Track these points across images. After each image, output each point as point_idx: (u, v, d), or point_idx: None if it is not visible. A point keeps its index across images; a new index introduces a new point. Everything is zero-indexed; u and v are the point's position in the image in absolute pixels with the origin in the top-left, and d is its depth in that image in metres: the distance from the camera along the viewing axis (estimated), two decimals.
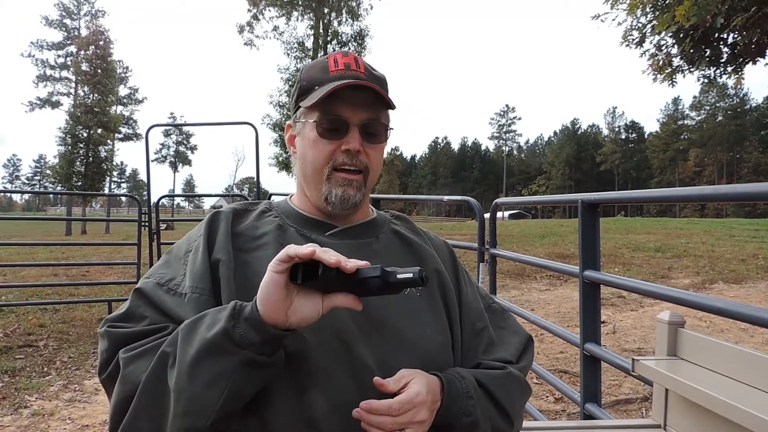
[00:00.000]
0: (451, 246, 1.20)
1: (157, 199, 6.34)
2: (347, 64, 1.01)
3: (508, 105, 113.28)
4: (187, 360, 0.79)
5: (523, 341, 1.11)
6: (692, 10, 6.90)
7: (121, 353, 0.86)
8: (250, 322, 0.79)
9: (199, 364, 0.79)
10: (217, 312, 0.83)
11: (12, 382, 4.36)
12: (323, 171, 1.01)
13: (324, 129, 1.00)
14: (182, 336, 0.82)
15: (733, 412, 1.06)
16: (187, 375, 0.79)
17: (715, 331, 5.93)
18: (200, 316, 0.84)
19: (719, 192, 1.83)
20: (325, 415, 0.86)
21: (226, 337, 0.78)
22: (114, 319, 0.93)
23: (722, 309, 1.66)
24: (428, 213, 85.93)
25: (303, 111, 1.03)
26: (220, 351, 0.79)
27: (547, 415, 3.71)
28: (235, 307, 0.81)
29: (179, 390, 0.79)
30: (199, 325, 0.82)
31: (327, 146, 1.00)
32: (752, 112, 70.24)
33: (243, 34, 27.96)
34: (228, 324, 0.79)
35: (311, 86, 1.02)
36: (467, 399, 0.92)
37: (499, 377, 1.00)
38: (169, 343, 0.84)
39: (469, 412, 0.91)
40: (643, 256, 12.16)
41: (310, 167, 1.02)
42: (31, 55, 37.74)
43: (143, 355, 0.85)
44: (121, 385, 0.85)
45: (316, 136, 1.00)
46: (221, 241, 0.98)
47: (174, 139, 71.86)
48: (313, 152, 1.01)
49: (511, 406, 0.98)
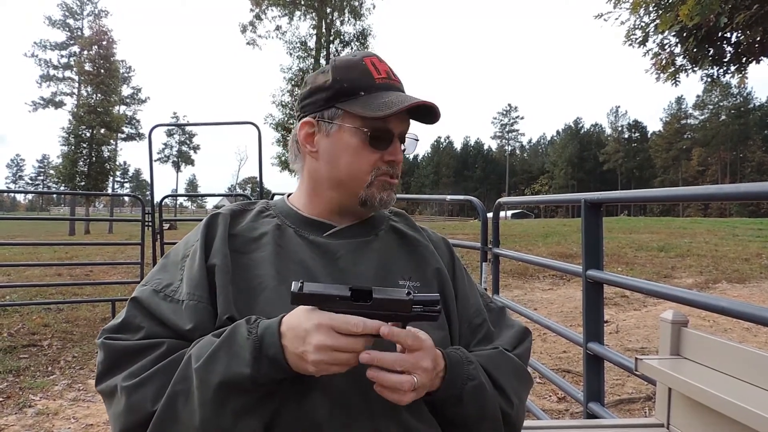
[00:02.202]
0: (450, 243, 1.20)
1: (161, 198, 6.34)
2: (388, 73, 1.04)
3: (511, 104, 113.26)
4: (209, 399, 0.80)
5: (519, 333, 1.11)
6: (695, 9, 6.88)
7: (122, 381, 0.86)
8: (273, 366, 0.81)
9: (226, 401, 0.80)
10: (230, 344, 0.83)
11: (16, 382, 4.37)
12: (366, 179, 1.02)
13: (372, 138, 1.00)
14: (200, 375, 0.82)
15: (737, 411, 1.06)
16: (213, 411, 0.80)
17: (719, 331, 5.92)
18: (214, 351, 0.83)
19: (723, 191, 1.83)
20: (326, 417, 0.86)
21: (252, 381, 0.80)
22: (111, 330, 0.93)
23: (725, 308, 1.65)
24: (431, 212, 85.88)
25: (341, 113, 1.01)
26: (244, 390, 0.81)
27: (551, 414, 3.71)
28: (255, 346, 0.81)
29: (207, 424, 0.80)
30: (215, 362, 0.82)
31: (372, 155, 1.01)
32: (756, 111, 69.93)
33: (245, 33, 27.95)
34: (253, 370, 0.80)
35: (354, 90, 1.00)
36: (467, 364, 0.93)
37: (491, 355, 1.00)
38: (179, 380, 0.84)
39: (472, 376, 0.92)
40: (646, 256, 12.14)
41: (347, 173, 1.02)
42: (34, 55, 37.81)
43: (146, 382, 0.85)
44: (128, 415, 0.84)
45: (359, 144, 1.00)
46: (218, 244, 0.98)
47: (177, 139, 72.06)
48: (352, 159, 1.01)
49: (506, 381, 0.98)
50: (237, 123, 6.96)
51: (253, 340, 0.81)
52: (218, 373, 0.80)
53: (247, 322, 0.85)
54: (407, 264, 1.06)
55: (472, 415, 0.92)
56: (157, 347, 0.89)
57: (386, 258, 1.05)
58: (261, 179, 6.77)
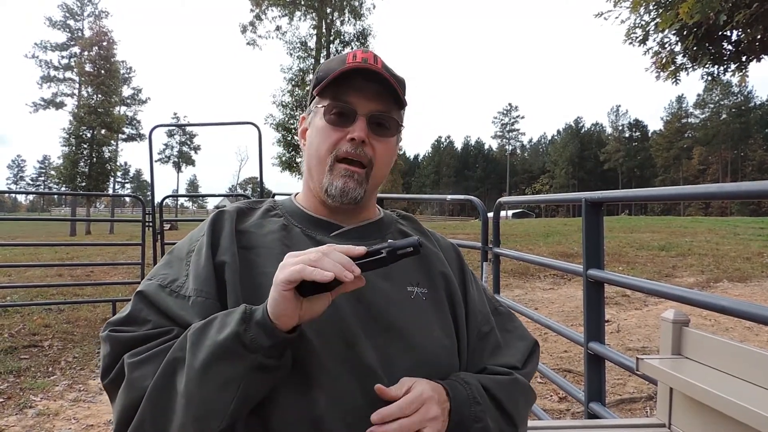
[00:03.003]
0: (458, 248, 1.19)
1: (161, 199, 6.34)
2: (365, 59, 1.00)
3: (511, 104, 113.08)
4: (197, 365, 0.79)
5: (530, 346, 1.10)
6: (695, 8, 6.87)
7: (126, 358, 0.85)
8: (261, 327, 0.79)
9: (210, 368, 0.78)
10: (227, 315, 0.83)
11: (17, 382, 4.37)
12: (326, 160, 0.99)
13: (331, 116, 0.99)
14: (192, 341, 0.81)
15: (739, 410, 1.05)
16: (197, 380, 0.78)
17: (720, 330, 5.91)
18: (209, 320, 0.83)
19: (724, 190, 1.82)
20: (327, 415, 0.85)
21: (237, 340, 0.78)
22: (116, 322, 0.92)
23: (726, 307, 1.65)
24: (431, 212, 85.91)
25: (316, 99, 1.03)
26: (231, 355, 0.78)
27: (552, 414, 3.71)
28: (245, 311, 0.81)
29: (190, 395, 0.78)
30: (208, 329, 0.82)
31: (332, 133, 0.99)
32: (757, 110, 69.97)
33: (246, 33, 28.00)
34: (239, 327, 0.78)
35: (326, 76, 1.00)
36: (475, 405, 0.91)
37: (505, 383, 0.99)
38: (177, 349, 0.83)
39: (478, 418, 0.90)
40: (647, 255, 12.13)
41: (315, 156, 1.01)
42: (35, 56, 37.89)
43: (149, 360, 0.84)
44: (128, 391, 0.83)
45: (324, 123, 1.00)
46: (226, 242, 0.97)
47: (177, 140, 72.16)
48: (318, 140, 1.00)
49: (516, 412, 0.98)
50: (237, 123, 6.97)
51: (243, 310, 0.81)
52: (209, 337, 0.80)
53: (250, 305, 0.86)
54: (414, 268, 1.05)
55: None
56: (166, 334, 0.88)
57: None
58: (261, 179, 6.77)
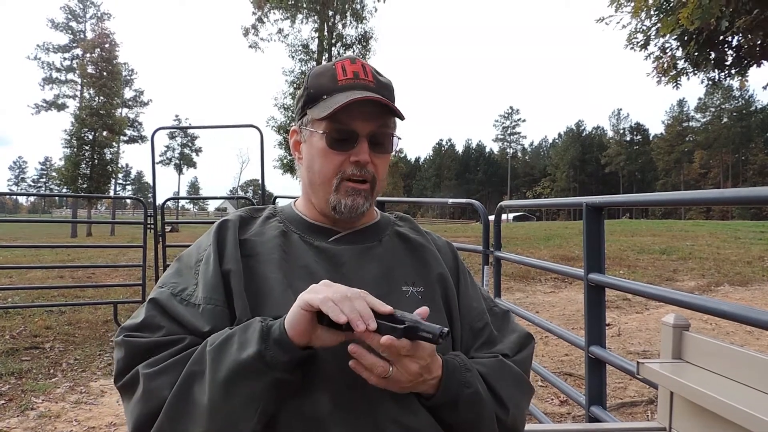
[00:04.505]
0: (454, 247, 1.20)
1: (163, 201, 6.36)
2: (355, 73, 1.02)
3: (513, 107, 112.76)
4: (220, 379, 0.83)
5: (521, 337, 1.11)
6: (696, 13, 6.88)
7: (142, 368, 0.88)
8: (278, 344, 0.83)
9: (234, 383, 0.82)
10: (244, 331, 0.86)
11: (18, 384, 4.38)
12: (332, 182, 1.02)
13: (333, 140, 1.01)
14: (212, 356, 0.85)
15: (739, 415, 1.06)
16: (221, 394, 0.82)
17: (721, 334, 5.91)
18: (228, 336, 0.87)
19: (724, 196, 1.84)
20: (329, 415, 0.88)
21: (259, 359, 0.82)
22: (130, 328, 0.94)
23: (727, 312, 1.66)
24: (432, 215, 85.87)
25: (311, 120, 1.04)
26: (253, 372, 0.83)
27: (552, 417, 3.71)
28: (263, 329, 0.84)
29: (214, 409, 0.82)
30: (228, 345, 0.85)
31: (336, 157, 1.01)
32: (758, 114, 69.83)
33: (248, 36, 28.03)
34: (260, 346, 0.82)
35: (319, 95, 1.03)
36: (465, 371, 0.94)
37: (490, 364, 1.01)
38: (194, 362, 0.86)
39: (468, 383, 0.93)
40: (648, 259, 12.12)
41: (318, 177, 1.03)
42: (37, 58, 37.87)
43: (166, 372, 0.87)
44: (145, 402, 0.86)
45: (325, 147, 1.01)
46: (230, 250, 1.00)
47: (179, 142, 72.15)
48: (321, 162, 1.02)
49: (505, 393, 0.98)
50: (239, 126, 7.00)
51: (261, 328, 0.85)
52: (230, 354, 0.84)
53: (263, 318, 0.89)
54: (411, 269, 1.07)
55: (468, 421, 0.94)
56: (179, 342, 0.91)
57: (389, 263, 1.06)
58: (263, 182, 6.79)
